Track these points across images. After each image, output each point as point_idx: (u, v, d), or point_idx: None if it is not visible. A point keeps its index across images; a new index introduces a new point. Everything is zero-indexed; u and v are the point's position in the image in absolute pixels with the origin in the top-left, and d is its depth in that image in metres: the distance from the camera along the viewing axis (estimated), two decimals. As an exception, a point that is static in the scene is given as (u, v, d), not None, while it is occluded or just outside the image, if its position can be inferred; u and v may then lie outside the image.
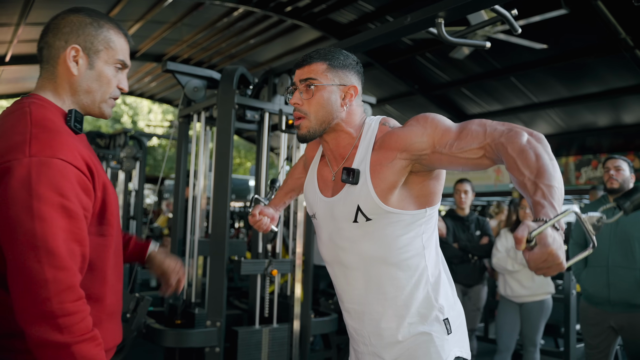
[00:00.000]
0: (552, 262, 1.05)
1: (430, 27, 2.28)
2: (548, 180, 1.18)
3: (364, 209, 1.50)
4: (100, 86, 1.42)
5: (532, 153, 1.24)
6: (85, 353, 1.19)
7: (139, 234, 6.44)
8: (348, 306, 1.64)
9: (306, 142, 1.64)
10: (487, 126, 1.38)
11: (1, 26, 7.92)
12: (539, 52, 7.21)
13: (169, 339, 3.10)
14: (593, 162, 10.85)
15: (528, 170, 1.22)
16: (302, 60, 1.60)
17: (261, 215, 1.91)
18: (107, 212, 1.36)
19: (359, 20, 8.31)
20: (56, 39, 1.39)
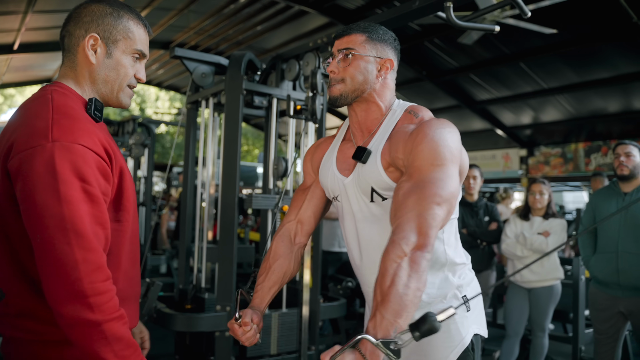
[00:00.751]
0: None
1: (438, 10, 2.26)
2: (386, 312, 1.17)
3: (378, 188, 1.51)
4: (118, 75, 1.43)
5: (390, 278, 1.21)
6: (114, 331, 1.23)
7: (147, 221, 6.49)
8: (369, 290, 1.62)
9: (336, 106, 1.62)
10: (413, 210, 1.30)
11: (9, 14, 7.93)
12: (549, 37, 7.14)
13: (179, 324, 3.13)
14: (603, 149, 10.78)
15: (379, 293, 1.21)
16: (342, 32, 1.61)
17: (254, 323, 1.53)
18: (124, 197, 1.39)
19: (366, 6, 8.26)
20: (77, 27, 1.40)
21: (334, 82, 1.58)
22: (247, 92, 3.38)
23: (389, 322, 1.15)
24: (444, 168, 1.37)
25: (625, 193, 3.48)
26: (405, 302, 1.18)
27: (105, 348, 1.22)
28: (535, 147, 12.08)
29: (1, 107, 23.22)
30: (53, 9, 8.18)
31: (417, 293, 1.20)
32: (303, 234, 1.76)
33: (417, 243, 1.25)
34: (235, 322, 1.52)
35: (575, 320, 4.08)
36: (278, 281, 1.68)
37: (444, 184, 1.34)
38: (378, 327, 1.15)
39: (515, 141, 12.06)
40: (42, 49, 9.70)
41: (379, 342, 1.11)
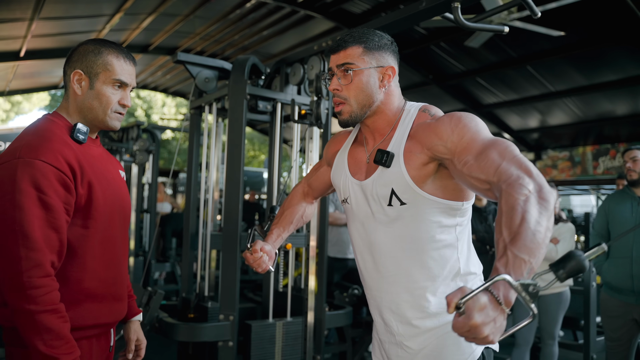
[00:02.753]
0: (476, 335, 0.99)
1: (446, 11, 2.20)
2: (519, 250, 1.08)
3: (398, 192, 1.47)
4: (100, 103, 1.65)
5: (519, 214, 1.13)
6: (46, 321, 1.42)
7: (152, 226, 6.45)
8: (376, 294, 1.61)
9: (348, 127, 1.62)
10: (504, 160, 1.28)
11: (15, 21, 7.94)
12: (556, 39, 7.07)
13: (181, 333, 3.08)
14: (611, 152, 10.68)
15: (507, 232, 1.12)
16: (337, 45, 1.57)
17: (262, 252, 1.76)
18: (92, 207, 1.58)
19: (372, 10, 8.22)
20: (68, 67, 1.67)
21: (339, 102, 1.57)
22: (251, 96, 3.34)
23: (522, 261, 1.06)
24: (494, 136, 1.40)
25: (639, 197, 3.43)
26: (538, 240, 1.10)
27: (36, 336, 1.41)
28: (542, 151, 11.99)
29: (8, 114, 23.33)
30: (59, 15, 8.18)
31: (547, 233, 1.12)
32: (313, 196, 1.99)
33: (536, 181, 1.20)
34: (247, 251, 1.74)
35: (586, 327, 4.00)
36: (289, 223, 1.93)
37: (509, 142, 1.35)
38: (510, 267, 1.06)
39: (523, 145, 11.98)
40: (49, 55, 9.71)
41: (519, 283, 1.01)
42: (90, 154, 1.65)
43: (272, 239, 1.87)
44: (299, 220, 1.95)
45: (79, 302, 1.57)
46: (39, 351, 1.41)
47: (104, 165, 1.71)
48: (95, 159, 1.66)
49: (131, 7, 8.08)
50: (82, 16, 8.45)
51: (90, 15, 8.50)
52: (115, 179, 1.74)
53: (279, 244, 1.89)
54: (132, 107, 24.20)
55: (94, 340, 1.64)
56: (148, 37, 10.09)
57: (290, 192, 1.98)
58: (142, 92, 23.26)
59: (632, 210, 3.41)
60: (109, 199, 1.64)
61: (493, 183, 1.28)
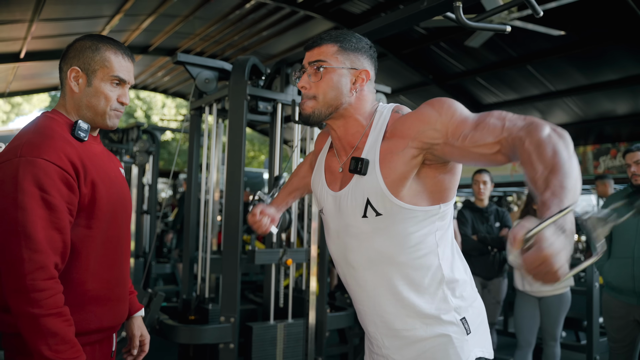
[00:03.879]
0: (547, 268, 0.94)
1: (447, 11, 2.19)
2: (561, 180, 1.04)
3: (374, 202, 1.41)
4: (99, 101, 1.60)
5: (550, 148, 1.12)
6: (50, 325, 1.37)
7: (152, 228, 6.43)
8: (360, 307, 1.56)
9: (309, 125, 1.54)
10: (506, 119, 1.28)
11: (15, 23, 7.93)
12: (556, 39, 7.06)
13: (182, 335, 3.06)
14: (612, 151, 10.66)
15: (542, 166, 1.09)
16: (312, 42, 1.52)
17: (262, 215, 1.82)
18: (96, 207, 1.54)
19: (372, 10, 8.21)
20: (64, 63, 1.62)
21: (305, 99, 1.50)
22: (251, 97, 3.32)
23: (570, 190, 1.03)
24: None
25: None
26: (575, 170, 1.08)
27: (40, 340, 1.36)
28: (543, 151, 11.97)
29: (8, 115, 23.32)
30: (59, 17, 8.17)
31: (577, 166, 1.11)
32: None
33: (549, 125, 1.20)
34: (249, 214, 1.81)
35: (589, 328, 3.98)
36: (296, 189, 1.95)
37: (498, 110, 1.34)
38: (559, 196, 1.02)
39: (523, 145, 11.97)
40: (49, 57, 9.70)
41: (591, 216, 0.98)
42: (92, 152, 1.61)
43: (277, 203, 1.93)
44: (304, 188, 1.95)
45: (83, 305, 1.52)
46: (44, 356, 1.36)
47: (106, 163, 1.66)
48: (97, 157, 1.62)
49: (131, 8, 8.08)
50: (82, 17, 8.45)
51: (90, 17, 8.49)
52: (117, 177, 1.69)
53: (284, 208, 1.96)
54: (132, 108, 24.18)
55: (96, 347, 1.61)
56: (148, 38, 10.08)
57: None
58: (142, 93, 23.25)
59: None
60: (112, 197, 1.60)
61: (504, 139, 1.25)
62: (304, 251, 3.41)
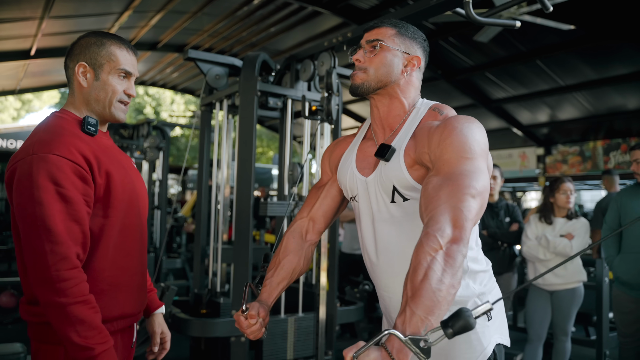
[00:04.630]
0: None
1: (457, 6, 2.20)
2: (416, 307, 1.09)
3: (400, 187, 1.47)
4: (107, 94, 1.66)
5: (422, 272, 1.14)
6: (77, 313, 1.43)
7: (162, 223, 6.48)
8: (384, 293, 1.60)
9: (357, 95, 1.57)
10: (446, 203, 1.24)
11: (26, 20, 8.00)
12: (566, 33, 7.02)
13: (194, 329, 3.09)
14: (622, 146, 10.60)
15: (410, 287, 1.13)
16: (373, 24, 1.60)
17: (260, 317, 1.53)
18: (111, 197, 1.59)
19: (380, 6, 8.20)
20: (70, 60, 1.68)
21: (357, 70, 1.55)
22: (262, 93, 3.34)
23: (419, 319, 1.08)
24: (474, 161, 1.33)
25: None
26: (438, 299, 1.11)
27: (69, 328, 1.42)
28: (552, 146, 11.92)
29: (19, 112, 23.48)
30: (69, 14, 8.23)
31: (450, 290, 1.13)
32: (314, 232, 1.75)
33: (453, 236, 1.18)
34: (241, 315, 1.53)
35: (599, 323, 3.98)
36: (287, 277, 1.68)
37: (476, 176, 1.30)
38: (407, 324, 1.08)
39: (532, 140, 11.91)
40: (59, 54, 9.76)
41: (408, 338, 1.04)
42: (104, 145, 1.67)
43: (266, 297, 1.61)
44: (295, 271, 1.70)
45: (103, 292, 1.57)
46: (74, 342, 1.42)
47: (118, 155, 1.72)
48: (110, 150, 1.68)
49: (140, 5, 8.12)
50: (91, 14, 8.50)
51: (99, 14, 8.54)
52: (130, 168, 1.75)
53: (273, 302, 1.65)
54: (141, 104, 24.28)
55: (119, 336, 1.64)
56: (157, 35, 10.12)
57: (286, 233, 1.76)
58: (151, 90, 23.33)
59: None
60: (127, 187, 1.65)
61: (424, 222, 1.27)
62: None
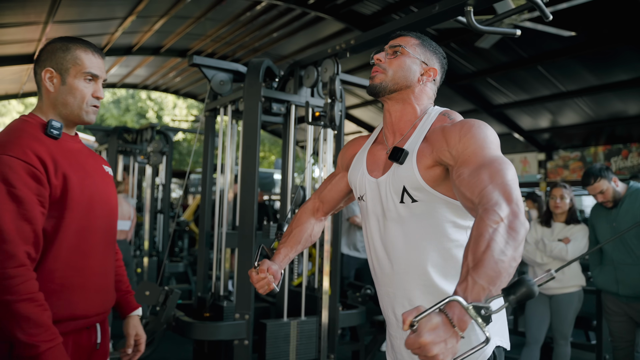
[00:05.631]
0: (425, 353, 1.00)
1: (459, 15, 2.24)
2: (479, 277, 1.09)
3: (410, 189, 1.52)
4: (75, 98, 1.69)
5: (485, 242, 1.15)
6: (23, 310, 1.45)
7: (165, 227, 6.52)
8: (389, 290, 1.64)
9: (374, 95, 1.65)
10: (491, 183, 1.29)
11: (30, 25, 8.05)
12: (567, 39, 7.06)
13: (198, 332, 3.12)
14: (623, 152, 10.62)
15: (471, 258, 1.14)
16: (398, 33, 1.70)
17: (269, 272, 1.71)
18: (68, 199, 1.61)
19: (382, 11, 8.24)
20: (37, 67, 1.72)
21: (376, 70, 1.64)
22: (266, 99, 3.38)
23: (481, 288, 1.08)
24: (499, 152, 1.42)
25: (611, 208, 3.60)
26: (500, 270, 1.11)
27: (15, 325, 1.44)
28: (553, 151, 11.94)
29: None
30: (73, 19, 8.28)
31: (512, 263, 1.14)
32: (322, 212, 1.96)
33: (511, 210, 1.21)
34: (253, 270, 1.71)
35: (599, 327, 4.01)
36: (296, 244, 1.89)
37: (507, 165, 1.35)
38: (469, 292, 1.08)
39: (534, 145, 11.93)
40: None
41: (470, 305, 1.04)
42: (67, 148, 1.69)
43: (280, 259, 1.82)
44: (307, 240, 1.93)
45: (55, 291, 1.58)
46: (19, 339, 1.43)
47: (84, 158, 1.74)
48: (73, 153, 1.70)
49: (143, 10, 8.16)
50: (95, 19, 8.55)
51: (103, 19, 8.59)
52: (96, 171, 1.77)
53: (285, 264, 1.84)
54: (144, 108, 24.36)
55: (70, 338, 1.64)
56: (160, 40, 10.18)
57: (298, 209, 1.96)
58: (154, 94, 23.41)
59: (607, 221, 3.60)
60: (87, 190, 1.67)
61: (475, 204, 1.30)
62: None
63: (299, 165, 16.63)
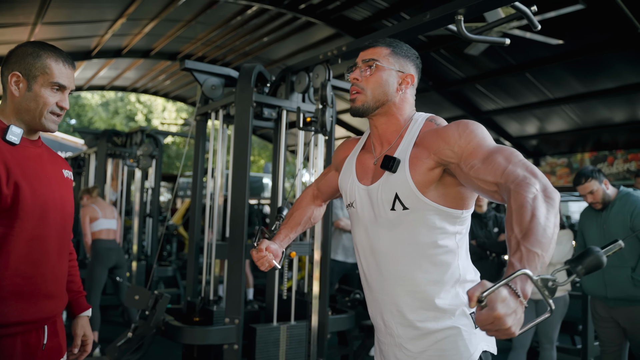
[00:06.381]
0: (499, 326, 1.02)
1: (450, 23, 2.27)
2: (531, 244, 1.13)
3: (402, 196, 1.53)
4: (37, 105, 1.67)
5: (529, 211, 1.19)
6: None
7: (154, 231, 6.50)
8: (378, 296, 1.65)
9: (358, 116, 1.67)
10: (510, 163, 1.35)
11: (18, 26, 8.01)
12: (555, 47, 7.15)
13: (187, 336, 3.12)
14: (609, 158, 10.75)
15: (518, 228, 1.18)
16: (368, 44, 1.68)
17: (267, 251, 1.79)
18: (18, 208, 1.61)
19: (373, 17, 8.30)
20: (5, 68, 1.69)
21: (355, 91, 1.65)
22: (257, 104, 3.40)
23: (536, 255, 1.11)
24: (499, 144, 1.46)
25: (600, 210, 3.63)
26: (549, 235, 1.15)
27: None
28: (541, 157, 12.06)
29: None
30: (62, 20, 8.25)
31: (555, 229, 1.18)
32: (322, 199, 2.06)
33: (541, 181, 1.27)
34: (254, 249, 1.80)
35: (584, 332, 4.06)
36: (296, 225, 1.99)
37: (513, 149, 1.41)
38: (525, 261, 1.10)
39: (521, 151, 11.90)
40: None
41: (539, 278, 1.06)
42: (25, 155, 1.68)
43: (280, 239, 1.92)
44: (306, 222, 2.02)
45: (3, 298, 1.59)
46: None
47: (41, 165, 1.73)
48: (30, 160, 1.69)
49: (134, 13, 8.15)
50: (85, 21, 8.53)
51: (93, 21, 8.57)
52: (53, 178, 1.76)
53: (286, 244, 1.94)
54: (133, 111, 24.25)
55: (18, 338, 1.66)
56: (150, 42, 10.16)
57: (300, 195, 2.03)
58: (143, 97, 23.31)
59: (596, 225, 3.62)
60: (40, 198, 1.67)
61: (500, 184, 1.34)
62: (307, 244, 3.49)
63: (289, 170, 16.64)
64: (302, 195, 2.08)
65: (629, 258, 3.40)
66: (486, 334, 1.05)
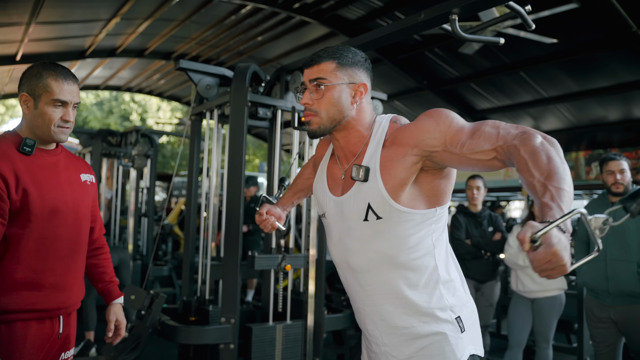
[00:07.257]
0: (556, 263, 1.06)
1: (444, 23, 2.27)
2: (558, 183, 1.17)
3: (375, 206, 1.50)
4: (44, 121, 1.89)
5: (544, 155, 1.24)
6: None
7: (150, 230, 6.48)
8: (360, 307, 1.64)
9: (317, 138, 1.63)
10: (500, 128, 1.38)
11: (12, 25, 7.96)
12: (549, 46, 7.16)
13: (183, 336, 3.12)
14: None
15: (538, 172, 1.22)
16: (311, 60, 1.60)
17: (268, 214, 1.88)
18: (27, 211, 1.84)
19: (367, 16, 8.29)
20: (18, 89, 1.94)
21: (309, 115, 1.58)
22: (252, 103, 3.39)
23: (565, 192, 1.17)
24: None
25: (612, 203, 3.55)
26: (568, 173, 1.21)
27: None
28: (536, 156, 12.08)
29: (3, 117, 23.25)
30: (56, 20, 8.21)
31: (567, 171, 1.23)
32: None
33: (540, 133, 1.32)
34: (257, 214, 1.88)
35: (580, 331, 4.07)
36: (300, 190, 2.03)
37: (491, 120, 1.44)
38: (557, 199, 1.15)
39: (516, 150, 12.05)
40: (45, 59, 9.60)
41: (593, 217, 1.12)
42: (38, 164, 1.91)
43: (283, 202, 1.99)
44: (309, 189, 2.02)
45: (14, 289, 1.83)
46: None
47: (54, 172, 1.95)
48: (43, 168, 1.92)
49: (128, 12, 8.12)
50: (78, 21, 8.49)
51: (87, 20, 8.54)
52: (67, 183, 1.98)
53: (290, 208, 2.02)
54: (128, 110, 24.18)
55: (33, 323, 1.88)
56: (144, 42, 10.13)
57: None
58: (137, 96, 23.25)
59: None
60: (49, 202, 1.89)
61: (499, 147, 1.36)
62: (302, 257, 3.49)
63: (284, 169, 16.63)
64: (304, 166, 2.09)
65: (634, 252, 3.34)
66: (539, 275, 1.08)
